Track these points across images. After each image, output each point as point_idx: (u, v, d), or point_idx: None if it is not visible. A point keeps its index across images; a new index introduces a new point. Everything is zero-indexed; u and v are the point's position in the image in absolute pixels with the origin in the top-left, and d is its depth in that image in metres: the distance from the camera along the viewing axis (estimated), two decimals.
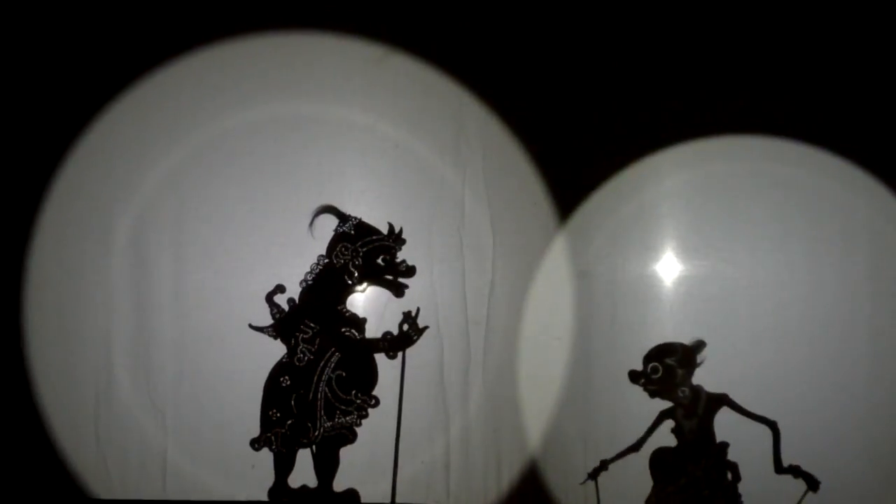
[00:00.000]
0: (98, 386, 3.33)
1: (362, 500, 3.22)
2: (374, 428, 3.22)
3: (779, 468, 2.99)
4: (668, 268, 3.37)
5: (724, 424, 3.11)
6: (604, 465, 3.12)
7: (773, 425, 3.00)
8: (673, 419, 3.06)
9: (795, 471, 2.99)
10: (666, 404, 3.13)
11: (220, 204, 3.35)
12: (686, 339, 3.22)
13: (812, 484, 3.00)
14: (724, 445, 3.03)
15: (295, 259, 3.25)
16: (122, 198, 3.36)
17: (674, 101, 3.40)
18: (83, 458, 3.33)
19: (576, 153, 3.43)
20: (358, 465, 3.23)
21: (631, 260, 3.39)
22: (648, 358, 3.08)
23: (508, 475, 3.39)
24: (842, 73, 3.35)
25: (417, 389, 3.32)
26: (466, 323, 3.38)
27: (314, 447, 3.16)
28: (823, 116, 3.35)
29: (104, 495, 3.32)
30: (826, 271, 3.31)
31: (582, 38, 3.44)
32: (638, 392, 3.22)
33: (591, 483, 3.20)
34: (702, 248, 3.36)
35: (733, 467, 3.02)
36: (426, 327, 3.19)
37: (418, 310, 3.18)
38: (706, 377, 3.20)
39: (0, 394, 3.35)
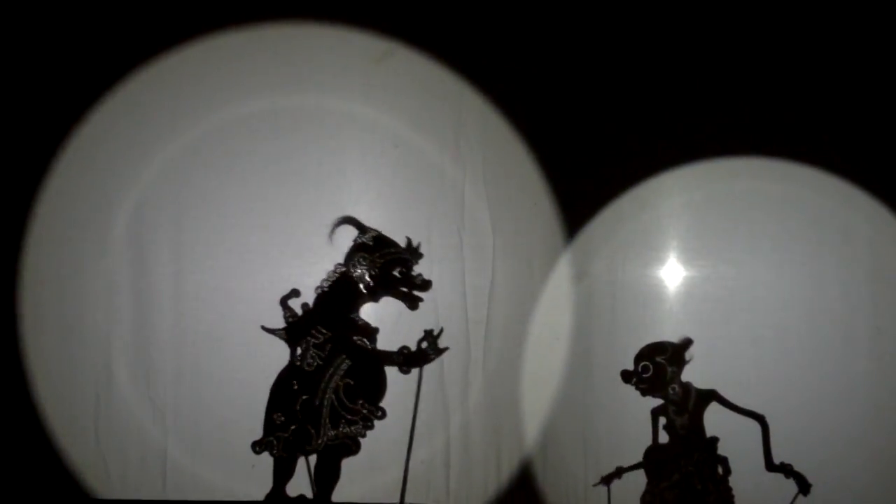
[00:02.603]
0: (98, 386, 3.33)
1: (362, 500, 3.22)
2: (375, 430, 3.21)
3: (770, 465, 3.00)
4: (668, 268, 3.37)
5: (715, 419, 3.12)
6: (619, 472, 3.11)
7: (761, 420, 3.01)
8: (664, 416, 3.08)
9: (787, 470, 3.01)
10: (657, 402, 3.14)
11: (220, 203, 3.35)
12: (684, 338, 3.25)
13: (803, 486, 3.01)
14: (715, 440, 3.06)
15: (295, 259, 3.25)
16: (120, 198, 3.35)
17: (672, 106, 3.41)
18: (83, 458, 3.33)
19: (575, 153, 3.43)
20: (356, 464, 3.23)
21: (631, 260, 3.39)
22: (639, 357, 3.09)
23: (508, 474, 3.40)
24: (842, 93, 3.37)
25: None
26: (466, 323, 3.38)
27: (316, 455, 3.11)
28: (825, 134, 3.37)
29: (104, 495, 3.32)
30: (826, 271, 3.32)
31: (580, 42, 3.45)
32: (637, 392, 3.23)
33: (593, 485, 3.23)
34: (702, 248, 3.37)
35: (723, 461, 3.04)
36: (446, 348, 3.13)
37: (441, 329, 3.15)
38: (706, 378, 3.21)
39: (0, 394, 3.35)
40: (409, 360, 3.10)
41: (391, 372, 3.12)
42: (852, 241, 3.33)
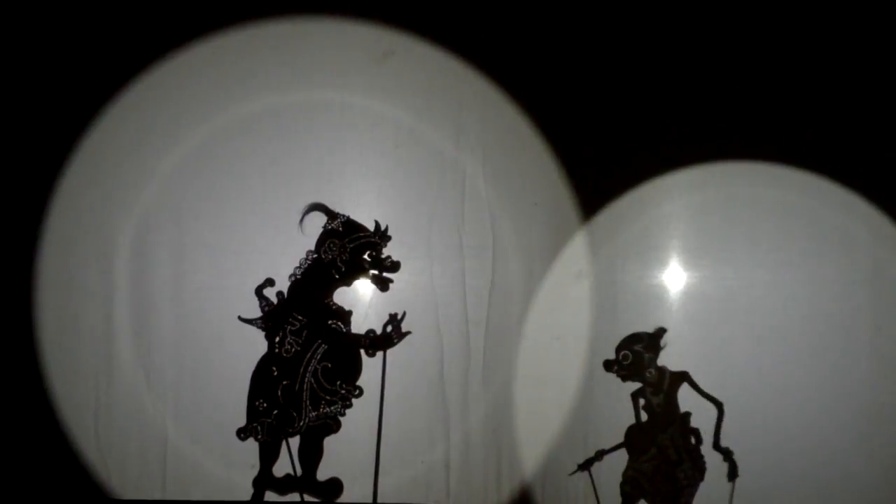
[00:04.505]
0: (98, 386, 3.33)
1: (363, 500, 3.23)
2: (372, 426, 3.23)
3: (716, 445, 3.22)
4: (669, 268, 3.38)
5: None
6: (599, 455, 3.30)
7: (719, 406, 3.21)
8: (643, 397, 3.26)
9: (727, 454, 3.21)
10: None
11: (221, 204, 3.36)
12: (685, 338, 3.29)
13: (731, 474, 3.21)
14: (687, 414, 3.24)
15: (295, 259, 3.25)
16: (123, 198, 3.36)
17: (675, 108, 3.43)
18: (83, 457, 3.33)
19: (576, 154, 3.43)
20: (360, 466, 3.24)
21: (631, 260, 3.39)
22: (620, 347, 3.28)
23: (508, 474, 3.40)
24: (840, 98, 3.39)
25: (417, 389, 3.34)
26: (466, 323, 3.38)
27: (299, 437, 3.20)
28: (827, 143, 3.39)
29: (104, 495, 3.32)
30: (826, 272, 3.32)
31: (583, 45, 3.45)
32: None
33: (586, 474, 3.30)
34: (702, 249, 3.37)
35: (695, 432, 3.23)
36: (408, 332, 3.22)
37: (404, 313, 3.21)
38: (705, 378, 3.23)
39: (2, 394, 3.35)
40: (374, 343, 3.20)
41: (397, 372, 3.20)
42: (851, 242, 3.34)
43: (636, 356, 3.25)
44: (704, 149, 3.40)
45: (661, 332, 3.27)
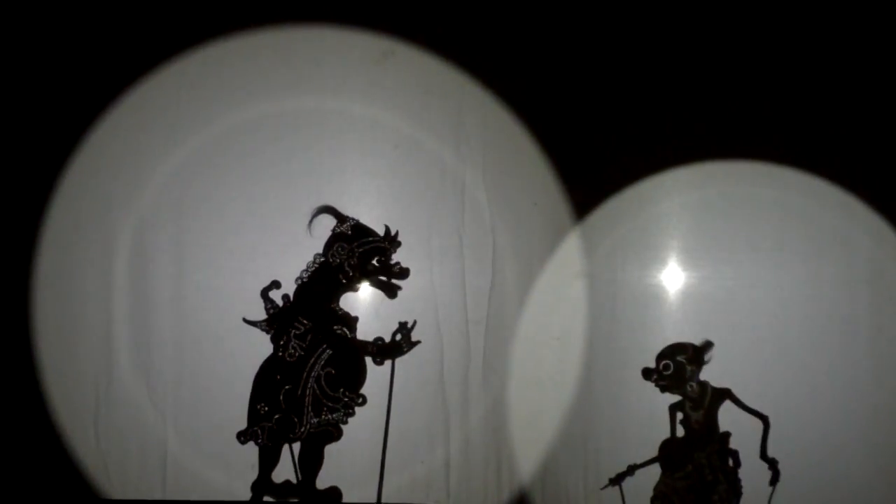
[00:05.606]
0: (98, 386, 3.33)
1: (364, 500, 3.23)
2: (377, 429, 3.23)
3: (763, 455, 3.14)
4: (668, 268, 3.38)
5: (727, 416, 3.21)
6: (631, 470, 3.21)
7: (765, 419, 3.14)
8: (681, 411, 3.19)
9: (772, 463, 3.13)
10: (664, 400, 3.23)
11: (221, 204, 3.36)
12: (685, 339, 3.25)
13: (773, 479, 3.14)
14: (727, 434, 3.17)
15: (295, 259, 3.25)
16: (123, 199, 3.37)
17: (674, 108, 3.43)
18: (83, 457, 3.33)
19: (576, 153, 3.44)
20: (364, 467, 3.24)
21: (631, 260, 3.40)
22: (661, 356, 3.19)
23: (508, 474, 3.40)
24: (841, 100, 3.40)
25: (417, 389, 3.34)
26: (466, 323, 3.39)
27: (299, 443, 3.17)
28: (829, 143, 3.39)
29: (104, 495, 3.32)
30: (826, 271, 3.33)
31: (582, 44, 3.46)
32: (637, 391, 3.26)
33: (595, 485, 3.28)
34: (702, 248, 3.38)
35: (734, 454, 3.16)
36: (418, 342, 3.18)
37: (415, 322, 3.18)
38: (706, 377, 3.22)
39: (1, 395, 3.35)
40: (383, 351, 3.15)
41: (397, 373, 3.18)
42: (851, 242, 3.35)
43: (678, 367, 3.14)
44: (704, 148, 3.40)
45: (709, 345, 3.17)
